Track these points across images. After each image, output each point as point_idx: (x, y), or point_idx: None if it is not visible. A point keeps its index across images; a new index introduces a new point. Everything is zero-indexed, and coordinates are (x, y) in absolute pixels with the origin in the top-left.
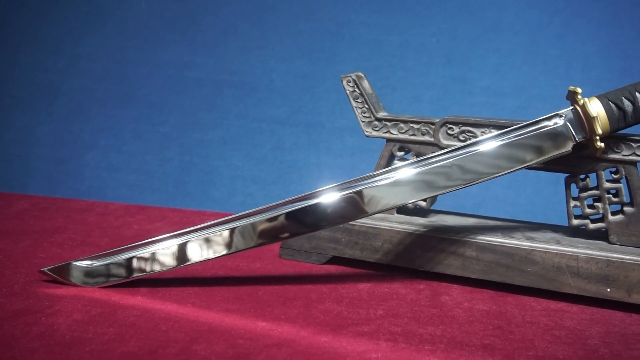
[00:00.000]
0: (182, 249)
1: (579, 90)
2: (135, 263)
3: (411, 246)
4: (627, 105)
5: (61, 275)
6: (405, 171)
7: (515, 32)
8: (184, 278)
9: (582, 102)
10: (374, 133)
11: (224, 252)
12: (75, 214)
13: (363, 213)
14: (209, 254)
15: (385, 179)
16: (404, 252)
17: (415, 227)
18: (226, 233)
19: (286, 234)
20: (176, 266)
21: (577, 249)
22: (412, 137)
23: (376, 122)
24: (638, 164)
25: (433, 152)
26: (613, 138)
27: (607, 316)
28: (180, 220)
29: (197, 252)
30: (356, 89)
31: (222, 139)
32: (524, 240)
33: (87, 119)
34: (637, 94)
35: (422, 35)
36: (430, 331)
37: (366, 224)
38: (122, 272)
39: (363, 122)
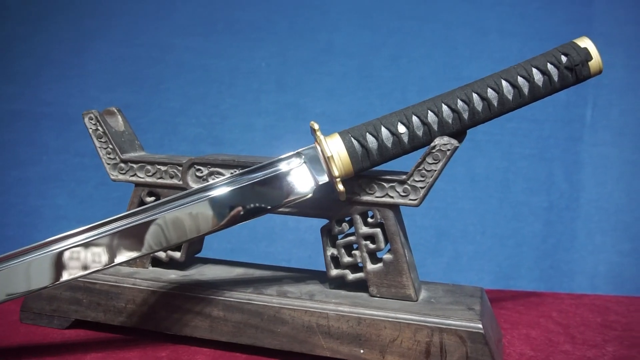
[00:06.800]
0: None
1: (317, 126)
2: None
3: (156, 306)
4: (372, 142)
5: None
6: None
7: (348, 54)
8: None
9: (319, 139)
10: (120, 177)
11: None
12: None
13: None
14: None
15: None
16: (149, 313)
17: (161, 284)
18: None
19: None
20: None
21: (328, 306)
22: (160, 181)
23: (122, 165)
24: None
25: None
26: (364, 178)
27: None
28: None
29: None
30: (99, 127)
31: (42, 176)
32: (274, 297)
33: None
34: (382, 129)
35: (251, 60)
36: None
37: (108, 282)
38: None
39: (108, 164)
